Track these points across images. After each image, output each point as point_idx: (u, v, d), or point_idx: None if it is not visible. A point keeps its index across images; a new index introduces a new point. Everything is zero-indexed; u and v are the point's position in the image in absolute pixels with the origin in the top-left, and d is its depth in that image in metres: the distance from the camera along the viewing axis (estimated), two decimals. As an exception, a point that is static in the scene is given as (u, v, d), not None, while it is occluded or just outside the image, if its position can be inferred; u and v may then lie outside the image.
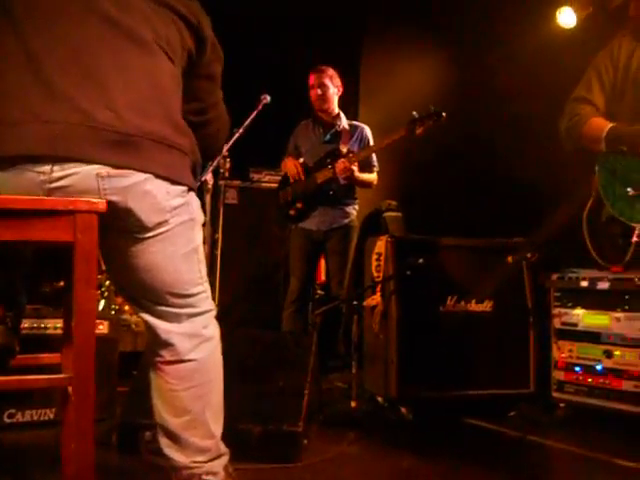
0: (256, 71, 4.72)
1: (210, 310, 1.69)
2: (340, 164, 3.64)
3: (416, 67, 4.96)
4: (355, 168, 3.66)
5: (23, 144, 1.40)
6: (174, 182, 1.53)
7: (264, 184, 4.66)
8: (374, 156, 3.87)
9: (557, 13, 3.93)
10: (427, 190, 4.59)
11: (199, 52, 1.68)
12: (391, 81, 5.04)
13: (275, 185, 4.50)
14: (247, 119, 3.67)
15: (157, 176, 1.49)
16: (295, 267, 3.86)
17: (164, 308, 1.61)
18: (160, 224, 1.53)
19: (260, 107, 3.70)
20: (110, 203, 1.46)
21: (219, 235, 4.23)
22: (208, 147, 1.79)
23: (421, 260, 3.07)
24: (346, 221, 3.86)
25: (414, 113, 3.33)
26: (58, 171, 1.43)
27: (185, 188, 1.57)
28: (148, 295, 1.60)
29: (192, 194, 1.63)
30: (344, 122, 3.92)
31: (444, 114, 3.28)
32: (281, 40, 5.09)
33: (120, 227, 1.51)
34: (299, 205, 3.87)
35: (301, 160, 3.91)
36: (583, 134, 2.16)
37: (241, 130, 3.65)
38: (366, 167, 3.85)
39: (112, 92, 1.47)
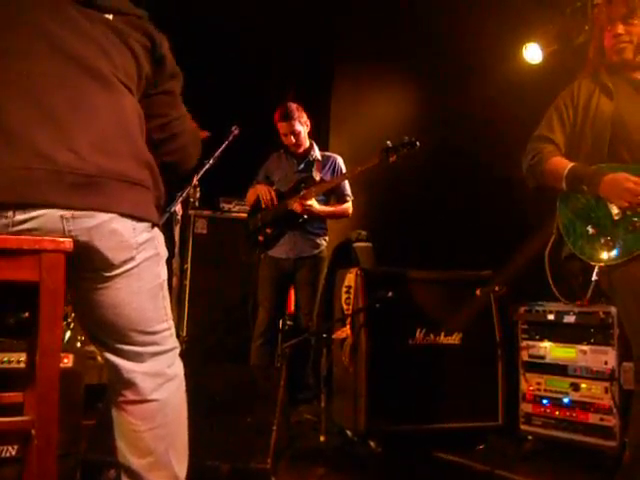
0: (226, 103, 4.78)
1: (174, 348, 1.68)
2: (296, 204, 3.70)
3: (385, 97, 5.05)
4: (313, 203, 3.70)
5: None
6: (139, 219, 1.53)
7: (234, 214, 4.67)
8: (347, 186, 3.92)
9: (523, 49, 4.05)
10: (397, 220, 4.66)
11: (157, 72, 1.68)
12: (361, 111, 5.11)
13: (245, 215, 4.52)
14: (217, 150, 3.69)
15: (122, 215, 1.49)
16: (264, 297, 3.85)
17: (127, 347, 1.60)
18: (126, 261, 1.53)
19: (231, 138, 3.73)
20: (76, 243, 1.45)
21: (188, 265, 4.23)
22: (178, 162, 1.77)
23: (390, 293, 3.09)
24: (316, 252, 3.87)
25: (388, 142, 3.41)
26: (21, 214, 1.42)
27: (150, 224, 1.59)
28: (112, 333, 1.59)
29: (157, 229, 1.63)
30: (317, 153, 3.97)
31: (418, 143, 3.37)
32: (251, 73, 5.14)
33: (86, 266, 1.51)
34: (268, 230, 3.87)
35: (273, 187, 3.94)
36: (545, 173, 2.23)
37: (211, 161, 3.68)
38: (339, 197, 3.89)
39: (73, 132, 1.46)
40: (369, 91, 5.14)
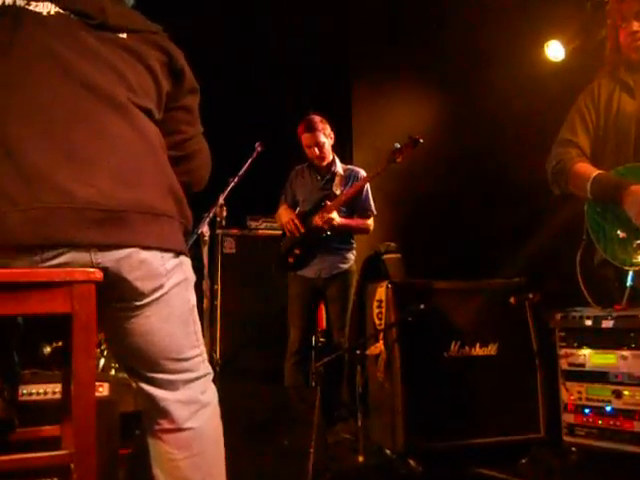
0: (249, 120, 4.82)
1: (207, 374, 1.68)
2: (316, 218, 3.70)
3: (406, 104, 5.04)
4: (334, 216, 3.70)
5: (7, 234, 1.38)
6: (166, 250, 1.53)
7: (262, 231, 4.68)
8: (371, 201, 3.91)
9: (545, 46, 4.00)
10: (426, 229, 4.64)
11: (176, 86, 1.65)
12: (383, 120, 5.11)
13: (273, 232, 4.53)
14: (242, 168, 3.73)
15: (147, 248, 1.49)
16: (294, 316, 3.85)
17: (160, 375, 1.60)
18: (156, 289, 1.53)
19: (255, 155, 3.76)
20: (105, 273, 1.46)
21: (218, 286, 4.25)
22: (191, 183, 1.76)
23: (422, 306, 3.07)
24: (345, 267, 3.87)
25: (396, 144, 3.44)
26: (49, 252, 1.42)
27: (177, 252, 1.58)
28: (144, 361, 1.59)
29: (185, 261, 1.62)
30: (339, 167, 3.97)
31: (421, 140, 3.40)
32: (272, 89, 5.18)
33: (116, 296, 1.52)
34: (297, 251, 3.88)
35: (296, 210, 3.95)
36: (569, 181, 2.19)
37: (236, 179, 3.71)
38: (362, 212, 3.88)
39: (93, 166, 1.44)
40: (389, 98, 5.13)
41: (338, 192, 3.81)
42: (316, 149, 3.86)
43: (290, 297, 3.91)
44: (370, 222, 3.91)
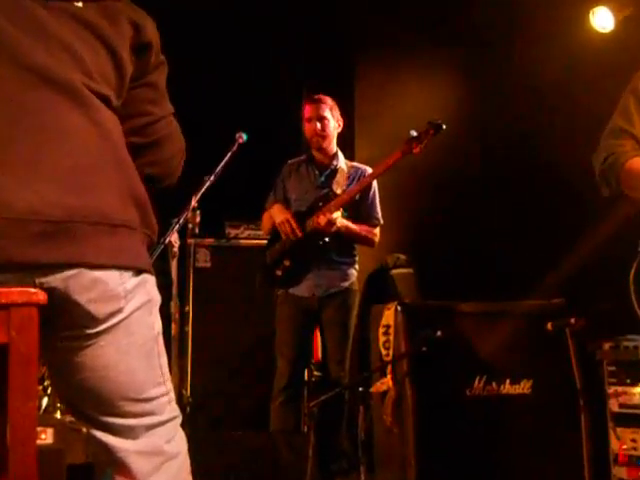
0: (228, 105, 4.82)
1: (174, 417, 1.66)
2: (314, 221, 3.69)
3: (420, 82, 5.07)
4: (338, 214, 3.69)
5: None
6: (124, 268, 1.52)
7: (243, 241, 4.66)
8: (378, 207, 3.91)
9: (591, 14, 4.01)
10: (442, 239, 4.64)
11: (141, 61, 1.64)
12: (391, 104, 5.11)
13: (257, 242, 4.51)
14: (220, 163, 3.70)
15: (100, 267, 1.47)
16: (284, 345, 3.82)
17: (116, 420, 1.57)
18: (113, 314, 1.52)
19: (235, 148, 3.73)
20: (50, 295, 1.43)
21: (189, 308, 4.22)
22: (161, 176, 1.74)
23: (440, 333, 3.06)
24: (345, 284, 3.85)
25: (412, 132, 3.44)
26: None
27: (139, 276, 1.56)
28: (96, 403, 1.57)
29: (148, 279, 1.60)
30: (342, 162, 3.97)
31: (443, 125, 3.39)
32: (256, 65, 5.16)
33: (63, 323, 1.49)
34: (287, 263, 3.85)
35: (291, 210, 3.93)
36: (622, 179, 2.17)
37: (213, 177, 3.67)
38: (367, 219, 3.87)
39: (36, 167, 1.42)
40: (401, 78, 5.14)
41: (339, 191, 3.81)
42: (318, 124, 3.86)
43: (278, 321, 3.89)
44: (377, 232, 3.90)
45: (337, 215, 3.68)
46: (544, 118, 4.16)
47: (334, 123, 3.92)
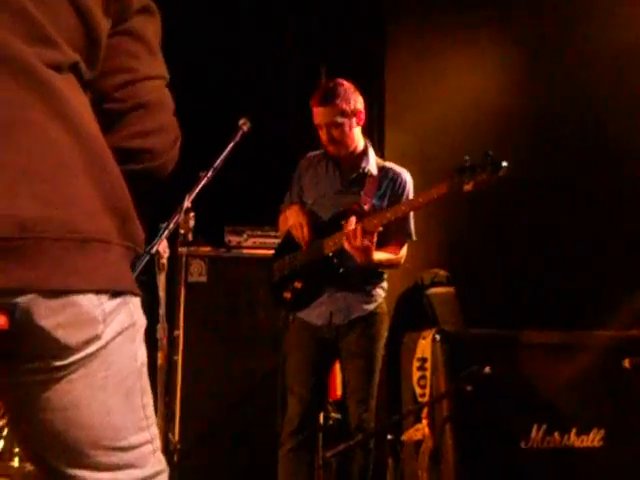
0: (232, 88, 4.82)
1: (159, 472, 1.62)
2: (354, 239, 3.58)
3: (465, 63, 5.05)
4: (369, 244, 3.60)
5: None
6: (99, 292, 1.48)
7: (247, 251, 4.64)
8: (412, 220, 3.85)
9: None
10: (491, 253, 4.62)
11: (118, 4, 1.57)
12: (430, 89, 5.10)
13: (263, 252, 4.48)
14: (220, 157, 3.68)
15: (65, 293, 1.44)
16: (294, 380, 3.77)
17: (86, 473, 1.54)
18: (88, 342, 1.48)
19: (238, 138, 3.71)
20: (12, 319, 1.41)
21: (180, 332, 4.21)
22: (151, 154, 1.68)
23: (488, 368, 3.06)
24: (370, 307, 3.79)
25: (466, 158, 3.35)
26: None
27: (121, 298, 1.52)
28: (61, 451, 1.54)
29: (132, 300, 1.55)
30: (372, 162, 3.90)
31: (504, 164, 3.30)
32: (266, 44, 5.16)
33: (26, 352, 1.46)
34: (298, 284, 3.83)
35: (305, 218, 3.89)
36: None
37: (210, 172, 3.65)
38: (395, 234, 3.80)
39: None
40: (438, 53, 5.12)
41: (366, 205, 3.75)
42: (332, 131, 3.79)
43: (287, 350, 3.86)
44: (404, 252, 3.85)
45: (369, 244, 3.60)
46: (620, 101, 4.13)
47: (351, 123, 3.84)
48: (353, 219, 3.60)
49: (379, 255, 3.67)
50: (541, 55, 4.66)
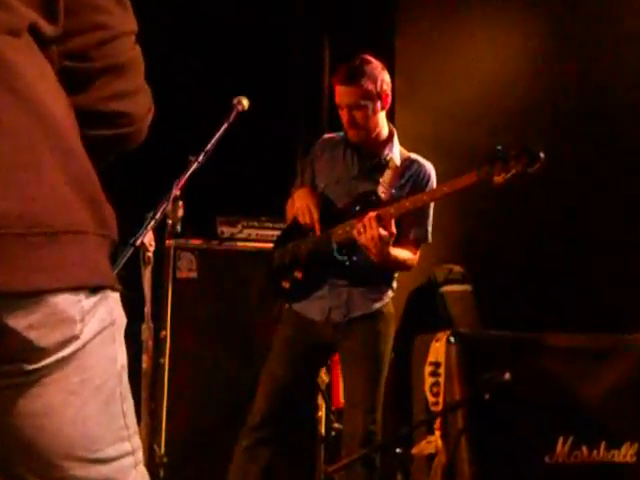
0: (227, 63, 4.79)
1: (142, 487, 1.63)
2: (368, 228, 3.54)
3: (479, 37, 5.04)
4: (385, 234, 3.55)
5: None
6: (74, 289, 1.48)
7: (242, 244, 4.65)
8: (430, 219, 3.79)
9: None
10: (512, 247, 4.62)
11: None
12: (445, 67, 5.11)
13: (261, 245, 4.48)
14: (212, 139, 3.67)
15: (35, 294, 1.43)
16: (268, 372, 3.76)
17: None
18: (64, 343, 1.47)
19: (233, 118, 3.70)
20: None
21: (167, 333, 4.22)
22: (130, 117, 1.67)
23: (508, 375, 3.05)
24: (376, 306, 3.77)
25: (498, 148, 3.33)
26: None
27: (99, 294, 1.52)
28: (30, 461, 1.53)
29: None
30: (395, 151, 3.88)
31: (542, 156, 3.28)
32: (266, 14, 5.13)
33: None
34: (298, 274, 3.83)
35: (314, 201, 3.87)
36: None
37: (201, 157, 3.65)
38: (408, 231, 3.77)
39: None
40: (457, 27, 5.13)
41: (384, 195, 3.73)
42: (355, 113, 3.76)
43: (276, 340, 3.84)
44: (418, 254, 3.82)
45: (387, 235, 3.55)
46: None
47: (375, 106, 3.81)
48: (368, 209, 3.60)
49: (395, 251, 3.64)
50: (571, 28, 4.65)
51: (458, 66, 5.01)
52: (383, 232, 3.50)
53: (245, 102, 3.69)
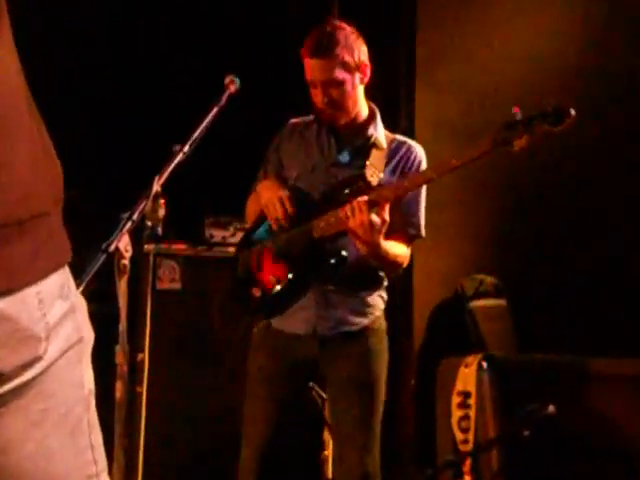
0: (217, 33, 4.80)
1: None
2: (357, 212, 3.52)
3: (520, 12, 5.05)
4: (378, 220, 3.54)
5: None
6: (44, 277, 1.50)
7: (233, 249, 4.51)
8: (422, 211, 3.80)
9: None
10: (555, 256, 4.62)
11: None
12: (474, 39, 5.13)
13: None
14: (199, 126, 3.67)
15: (9, 292, 1.44)
16: (251, 421, 3.74)
17: None
18: (25, 366, 1.48)
19: (224, 101, 3.70)
20: None
21: (145, 356, 4.25)
22: None
23: (552, 407, 3.04)
24: (364, 321, 3.74)
25: (514, 111, 3.32)
26: None
27: (63, 274, 1.56)
28: None
29: (70, 279, 1.59)
30: (380, 131, 3.88)
31: (572, 112, 3.28)
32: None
33: None
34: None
35: (286, 192, 3.87)
36: None
37: (187, 147, 3.65)
38: (400, 227, 3.78)
39: None
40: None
41: (375, 180, 3.72)
42: (327, 92, 3.77)
43: (249, 382, 3.80)
44: (408, 252, 3.81)
45: (377, 220, 3.54)
46: None
47: (357, 80, 3.82)
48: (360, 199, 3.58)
49: (387, 244, 3.61)
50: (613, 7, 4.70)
51: (490, 37, 5.04)
52: (375, 218, 3.50)
53: (238, 82, 3.69)
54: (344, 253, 3.59)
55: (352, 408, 3.67)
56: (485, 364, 3.26)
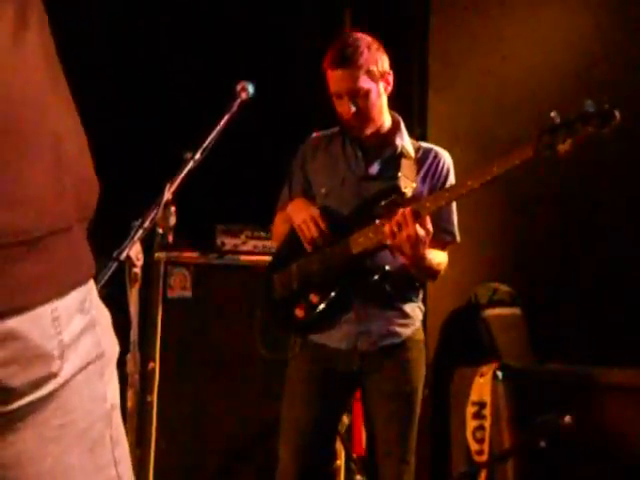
0: (230, 41, 4.80)
1: None
2: (404, 226, 3.51)
3: (535, 17, 5.06)
4: (423, 232, 3.53)
5: None
6: (61, 296, 1.48)
7: (245, 257, 4.70)
8: (455, 216, 3.80)
9: None
10: (569, 264, 4.62)
11: None
12: (489, 44, 5.13)
13: (267, 258, 4.47)
14: (211, 133, 3.67)
15: (15, 312, 1.43)
16: (290, 426, 3.74)
17: None
18: (39, 383, 1.46)
19: (236, 108, 3.70)
20: None
21: (156, 365, 4.24)
22: None
23: (569, 418, 3.04)
24: (407, 332, 3.77)
25: (552, 115, 3.30)
26: None
27: (84, 290, 1.51)
28: None
29: (92, 293, 1.55)
30: (407, 141, 3.88)
31: (617, 114, 3.25)
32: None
33: None
34: (314, 299, 3.81)
35: (317, 211, 3.86)
36: None
37: (199, 155, 3.65)
38: (442, 235, 3.78)
39: None
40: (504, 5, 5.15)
41: (409, 191, 3.71)
42: (352, 104, 3.77)
43: (288, 387, 3.81)
44: (446, 258, 3.82)
45: (422, 233, 3.53)
46: None
47: (381, 89, 3.82)
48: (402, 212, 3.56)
49: (430, 254, 3.62)
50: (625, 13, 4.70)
51: (505, 43, 5.04)
52: (421, 230, 3.49)
53: (250, 88, 3.68)
54: (387, 268, 3.60)
55: (392, 421, 3.70)
56: (500, 374, 3.26)
